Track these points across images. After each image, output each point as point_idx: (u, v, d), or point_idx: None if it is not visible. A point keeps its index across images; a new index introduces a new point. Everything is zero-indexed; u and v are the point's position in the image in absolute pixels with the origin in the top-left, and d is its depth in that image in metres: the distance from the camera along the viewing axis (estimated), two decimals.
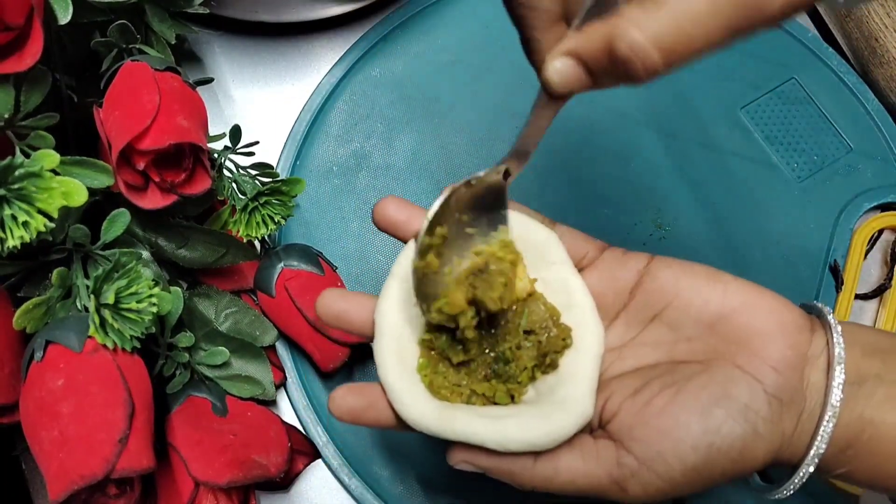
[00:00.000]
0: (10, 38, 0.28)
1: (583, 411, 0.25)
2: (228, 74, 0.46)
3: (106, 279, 0.30)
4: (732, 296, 0.26)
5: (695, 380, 0.25)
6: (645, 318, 0.27)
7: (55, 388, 0.29)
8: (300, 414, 0.39)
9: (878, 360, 0.25)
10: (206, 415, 0.34)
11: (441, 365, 0.27)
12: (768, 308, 0.26)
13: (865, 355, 0.25)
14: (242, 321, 0.37)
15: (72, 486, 0.27)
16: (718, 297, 0.26)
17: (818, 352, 0.26)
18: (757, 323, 0.26)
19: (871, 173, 0.44)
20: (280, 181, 0.35)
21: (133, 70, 0.32)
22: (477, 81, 0.45)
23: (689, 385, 0.25)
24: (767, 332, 0.25)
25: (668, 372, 0.26)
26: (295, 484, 0.39)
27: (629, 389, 0.26)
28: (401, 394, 0.26)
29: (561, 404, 0.26)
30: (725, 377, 0.25)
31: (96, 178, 0.31)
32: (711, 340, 0.26)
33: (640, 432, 0.25)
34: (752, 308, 0.26)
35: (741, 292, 0.26)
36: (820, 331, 0.26)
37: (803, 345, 0.25)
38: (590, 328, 0.27)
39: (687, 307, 0.26)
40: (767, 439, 0.24)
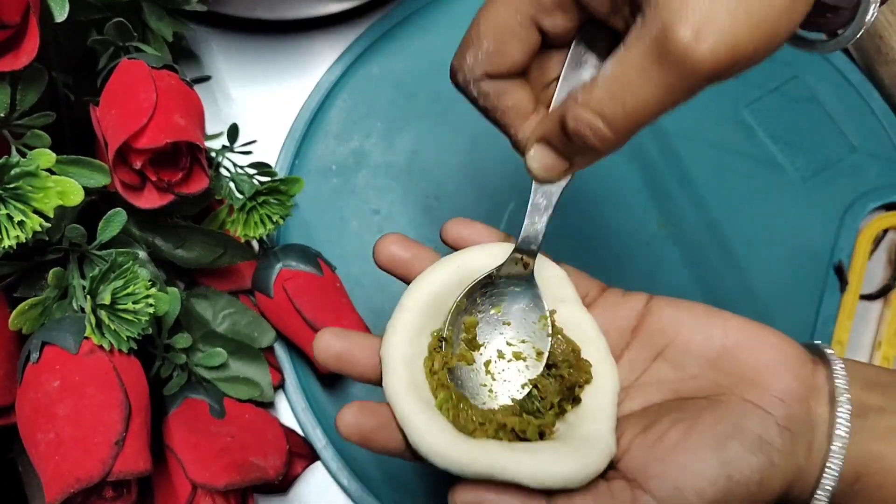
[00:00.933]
0: (6, 35, 0.27)
1: (608, 447, 0.25)
2: (226, 72, 0.46)
3: (102, 279, 0.30)
4: (733, 332, 0.27)
5: (706, 414, 0.25)
6: (648, 358, 0.28)
7: (51, 389, 0.29)
8: (299, 416, 0.39)
9: (879, 393, 0.25)
10: (204, 417, 0.34)
11: (463, 402, 0.26)
12: (769, 343, 0.26)
13: (866, 389, 0.25)
14: (240, 322, 0.37)
15: (68, 489, 0.27)
16: (719, 334, 0.27)
17: (821, 384, 0.26)
18: (760, 357, 0.26)
19: (875, 173, 0.43)
20: (278, 180, 0.35)
21: (130, 68, 0.32)
22: None
23: (702, 419, 0.25)
24: (771, 366, 0.26)
25: (677, 409, 0.26)
26: (293, 487, 0.39)
27: (639, 427, 0.26)
28: (423, 426, 0.24)
29: (585, 440, 0.25)
30: (736, 411, 0.25)
31: (92, 177, 0.31)
32: (716, 376, 0.26)
33: (655, 469, 0.25)
34: (753, 343, 0.26)
35: (741, 328, 0.27)
36: (821, 365, 0.26)
37: (807, 377, 0.26)
38: (605, 365, 0.27)
39: (688, 345, 0.27)
40: (783, 469, 0.24)
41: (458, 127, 0.44)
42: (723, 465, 0.24)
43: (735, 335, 0.26)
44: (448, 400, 0.26)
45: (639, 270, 0.42)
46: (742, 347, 0.26)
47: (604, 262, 0.42)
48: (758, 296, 0.41)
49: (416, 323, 0.26)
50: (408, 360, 0.25)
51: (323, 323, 0.36)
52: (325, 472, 0.39)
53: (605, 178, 0.43)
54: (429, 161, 0.44)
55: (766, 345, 0.26)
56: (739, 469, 0.24)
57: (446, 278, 0.27)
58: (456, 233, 0.29)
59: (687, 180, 0.44)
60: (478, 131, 0.44)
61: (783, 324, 0.41)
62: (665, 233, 0.43)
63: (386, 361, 0.25)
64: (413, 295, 0.27)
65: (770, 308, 0.41)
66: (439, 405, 0.25)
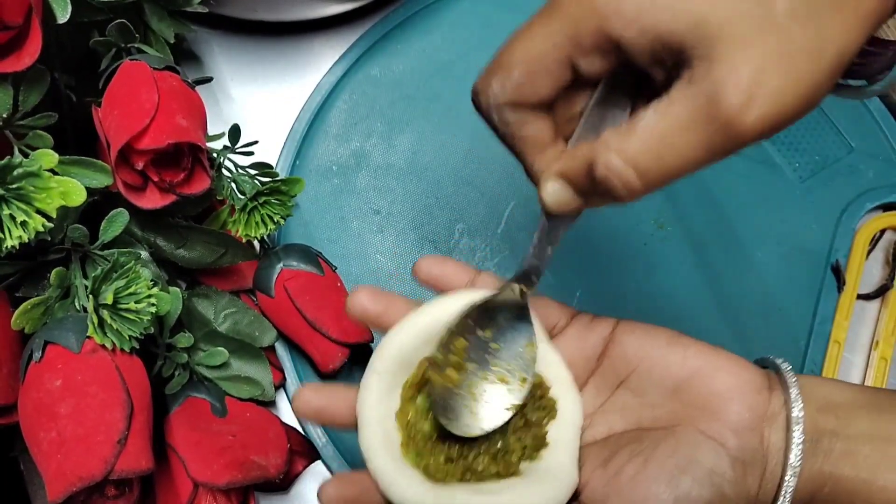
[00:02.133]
0: (9, 37, 0.28)
1: (570, 478, 0.26)
2: (227, 73, 0.46)
3: (104, 279, 0.30)
4: (692, 359, 0.27)
5: (661, 447, 0.25)
6: (612, 385, 0.28)
7: (53, 388, 0.29)
8: None
9: (833, 415, 0.25)
10: (205, 416, 0.34)
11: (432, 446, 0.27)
12: (725, 370, 0.26)
13: (821, 411, 0.26)
14: (241, 322, 0.37)
15: (70, 488, 0.27)
16: (678, 362, 0.27)
17: (777, 410, 0.26)
18: (715, 386, 0.26)
19: (873, 173, 0.43)
20: (279, 181, 0.35)
21: (132, 69, 0.32)
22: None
23: (657, 453, 0.25)
24: (725, 395, 0.26)
25: (636, 440, 0.26)
26: (294, 485, 0.39)
27: (599, 459, 0.26)
28: (393, 477, 0.26)
29: (549, 473, 0.26)
30: (690, 443, 0.25)
31: (95, 177, 0.31)
32: (674, 406, 0.26)
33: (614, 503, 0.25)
34: (710, 371, 0.26)
35: (700, 356, 0.27)
36: (777, 389, 0.26)
37: (761, 405, 0.26)
38: (570, 399, 0.27)
39: (650, 373, 0.27)
40: (734, 501, 0.25)
41: (458, 127, 0.44)
42: (676, 501, 0.24)
43: (692, 364, 0.26)
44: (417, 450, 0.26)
45: (636, 270, 0.42)
46: (698, 376, 0.26)
47: (602, 262, 0.42)
48: (755, 295, 0.41)
49: (387, 381, 0.27)
50: (381, 417, 0.26)
51: (323, 322, 0.36)
52: (325, 471, 0.39)
53: None
54: (429, 161, 0.44)
55: (721, 372, 0.26)
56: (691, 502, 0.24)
57: (414, 334, 0.27)
58: (426, 271, 0.29)
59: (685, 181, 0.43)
60: (477, 132, 0.44)
61: (781, 323, 0.41)
62: (663, 233, 0.43)
63: (360, 419, 0.26)
64: (382, 355, 0.27)
65: (768, 308, 0.41)
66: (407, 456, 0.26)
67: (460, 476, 0.26)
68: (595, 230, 0.43)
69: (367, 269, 0.42)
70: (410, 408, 0.27)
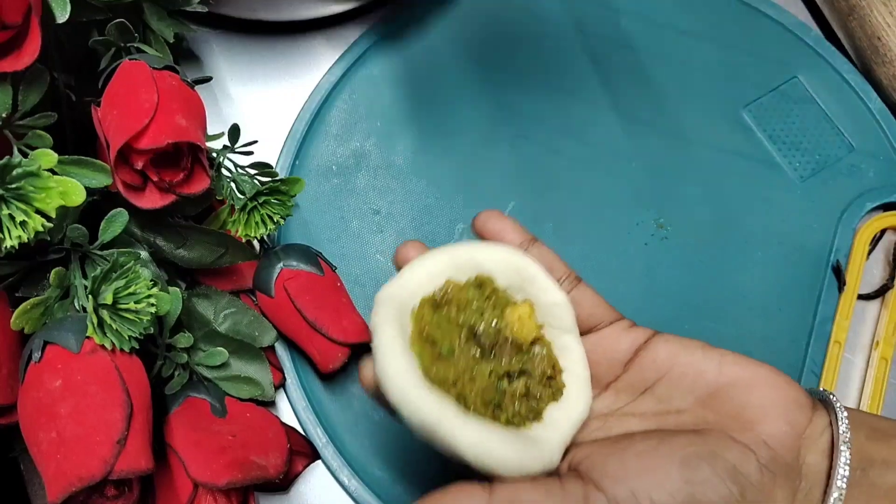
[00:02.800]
0: (8, 36, 0.28)
1: (550, 457, 0.25)
2: (227, 73, 0.46)
3: (104, 279, 0.30)
4: (728, 368, 0.25)
5: (681, 436, 0.24)
6: (636, 391, 0.27)
7: (53, 388, 0.29)
8: (299, 415, 0.39)
9: (885, 444, 0.24)
10: (205, 416, 0.34)
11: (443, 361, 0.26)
12: (766, 382, 0.25)
13: (870, 439, 0.24)
14: (241, 322, 0.37)
15: (70, 488, 0.27)
16: (713, 369, 0.25)
17: (818, 432, 0.24)
18: (752, 397, 0.25)
19: (873, 173, 0.43)
20: (279, 181, 0.35)
21: (131, 69, 0.32)
22: (477, 80, 0.45)
23: (675, 438, 0.24)
24: (763, 406, 0.24)
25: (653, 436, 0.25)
26: (294, 485, 0.39)
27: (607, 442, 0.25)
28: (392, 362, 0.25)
29: (534, 441, 0.25)
30: (715, 440, 0.24)
31: (94, 177, 0.31)
32: (703, 413, 0.25)
33: (614, 468, 0.23)
34: (748, 381, 0.25)
35: (737, 365, 0.25)
36: (821, 411, 0.25)
37: (801, 423, 0.24)
38: (581, 394, 0.27)
39: (680, 380, 0.26)
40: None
41: (458, 127, 0.44)
42: (687, 483, 0.23)
43: (729, 372, 0.25)
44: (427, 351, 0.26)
45: (637, 270, 0.42)
46: (735, 386, 0.25)
47: (603, 261, 0.42)
48: (756, 295, 0.41)
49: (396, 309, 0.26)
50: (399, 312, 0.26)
51: (323, 322, 0.36)
52: (325, 471, 0.39)
53: (604, 177, 0.44)
54: (429, 161, 0.44)
55: (761, 384, 0.25)
56: (704, 492, 0.23)
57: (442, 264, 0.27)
58: (482, 224, 0.29)
59: (686, 180, 0.44)
60: (477, 131, 0.44)
61: (781, 323, 0.41)
62: (664, 233, 0.43)
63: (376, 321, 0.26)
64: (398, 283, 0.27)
65: (768, 308, 0.41)
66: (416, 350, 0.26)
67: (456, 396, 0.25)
68: (595, 230, 0.43)
69: (366, 269, 0.42)
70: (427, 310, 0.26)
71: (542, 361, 0.27)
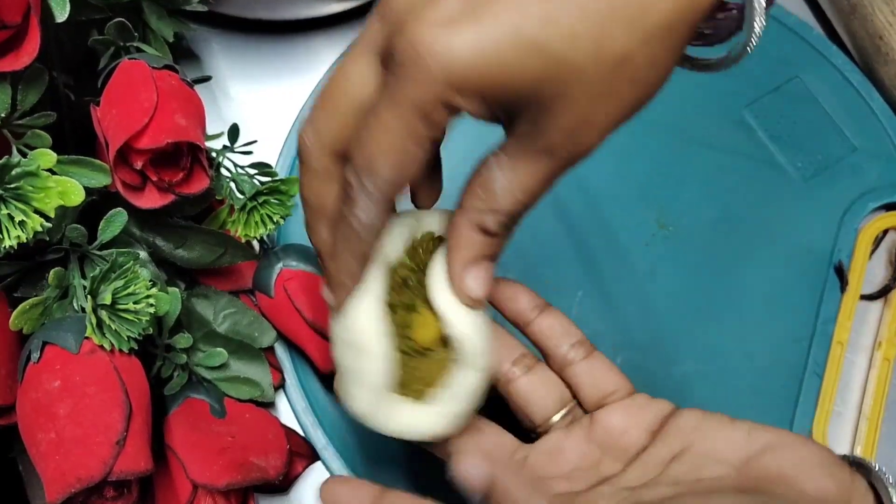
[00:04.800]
0: (7, 36, 0.27)
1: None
2: (227, 72, 0.46)
3: (103, 279, 0.30)
4: (758, 434, 0.25)
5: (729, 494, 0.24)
6: (665, 459, 0.26)
7: (52, 389, 0.29)
8: (299, 416, 0.39)
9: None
10: (205, 417, 0.34)
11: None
12: (800, 444, 0.24)
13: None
14: (241, 322, 0.37)
15: (69, 489, 0.27)
16: (743, 437, 0.25)
17: (863, 489, 0.24)
18: (791, 457, 0.24)
19: (876, 173, 0.43)
20: (279, 180, 0.35)
21: (131, 68, 0.32)
22: None
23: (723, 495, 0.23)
24: (804, 466, 0.24)
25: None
26: (294, 486, 0.39)
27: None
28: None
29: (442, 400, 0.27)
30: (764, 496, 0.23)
31: (93, 177, 0.31)
32: (741, 479, 0.24)
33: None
34: (782, 444, 0.24)
35: (768, 432, 0.25)
36: (858, 473, 0.24)
37: (845, 479, 0.24)
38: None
39: (711, 448, 0.25)
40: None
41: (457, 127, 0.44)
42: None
43: (762, 438, 0.25)
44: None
45: (638, 270, 0.42)
46: (770, 450, 0.24)
47: (603, 261, 0.42)
48: (757, 296, 0.41)
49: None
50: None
51: (323, 323, 0.36)
52: (325, 472, 0.39)
53: (604, 177, 0.43)
54: None
55: (798, 446, 0.24)
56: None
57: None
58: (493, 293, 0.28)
59: (687, 180, 0.44)
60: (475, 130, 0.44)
61: (783, 324, 0.41)
62: (665, 233, 0.43)
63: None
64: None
65: (770, 308, 0.41)
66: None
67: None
68: (596, 230, 0.43)
69: None
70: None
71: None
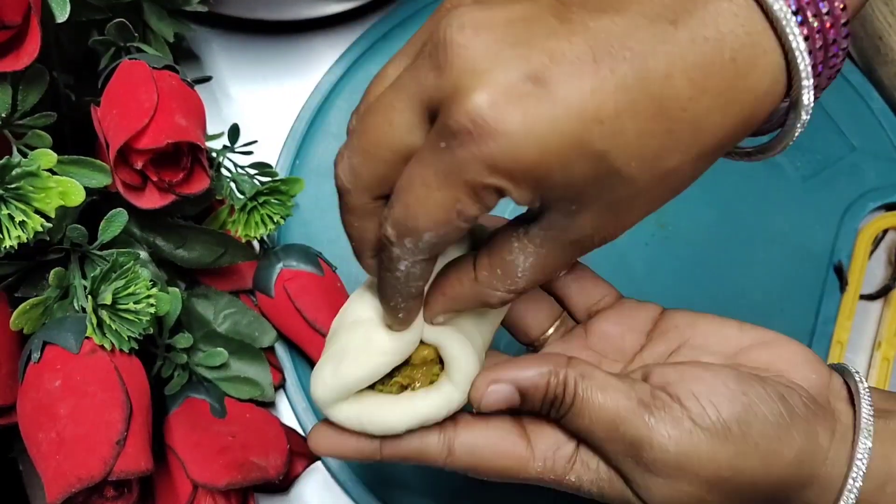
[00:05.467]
0: (8, 36, 0.27)
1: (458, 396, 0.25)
2: (227, 73, 0.46)
3: (103, 279, 0.30)
4: (748, 331, 0.27)
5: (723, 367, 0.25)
6: (663, 356, 0.27)
7: (52, 389, 0.29)
8: (299, 416, 0.39)
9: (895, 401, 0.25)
10: (205, 416, 0.34)
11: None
12: (787, 342, 0.26)
13: (882, 399, 0.25)
14: (241, 322, 0.37)
15: (69, 489, 0.27)
16: (735, 333, 0.27)
17: (838, 386, 0.26)
18: (779, 352, 0.26)
19: (875, 173, 0.43)
20: (279, 180, 0.35)
21: (131, 68, 0.32)
22: None
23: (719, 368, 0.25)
24: (790, 359, 0.26)
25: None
26: (294, 486, 0.39)
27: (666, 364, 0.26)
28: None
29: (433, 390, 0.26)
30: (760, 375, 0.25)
31: (94, 177, 0.31)
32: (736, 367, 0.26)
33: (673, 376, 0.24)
34: (771, 341, 0.26)
35: (756, 331, 0.27)
36: (835, 372, 0.26)
37: (825, 374, 0.26)
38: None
39: (705, 342, 0.27)
40: (801, 438, 0.24)
41: None
42: (744, 393, 0.23)
43: (751, 336, 0.27)
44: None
45: (638, 270, 0.42)
46: (760, 345, 0.26)
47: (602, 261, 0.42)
48: (757, 296, 0.41)
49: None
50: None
51: (323, 323, 0.36)
52: (325, 472, 0.39)
53: None
54: None
55: (784, 344, 0.26)
56: (759, 405, 0.23)
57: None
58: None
59: None
60: None
61: (783, 324, 0.41)
62: (664, 232, 0.43)
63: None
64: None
65: (770, 308, 0.41)
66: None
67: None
68: None
69: None
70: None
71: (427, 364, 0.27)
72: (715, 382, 0.24)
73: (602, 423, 0.24)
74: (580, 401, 0.24)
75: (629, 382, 0.25)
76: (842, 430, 0.25)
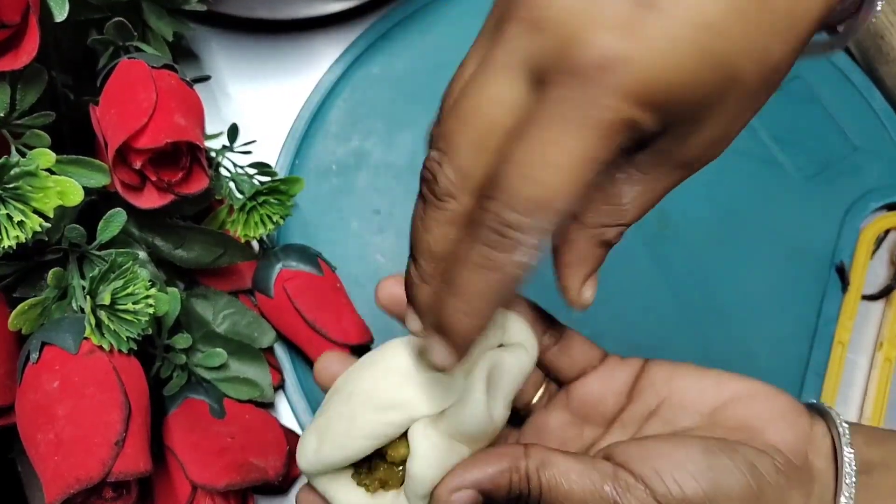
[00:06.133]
0: (6, 35, 0.27)
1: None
2: (226, 72, 0.46)
3: (102, 280, 0.30)
4: (726, 384, 0.26)
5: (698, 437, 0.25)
6: (642, 417, 0.27)
7: (51, 389, 0.29)
8: (299, 416, 0.39)
9: (881, 447, 0.25)
10: (204, 417, 0.34)
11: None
12: (763, 395, 0.26)
13: (867, 444, 0.25)
14: (240, 322, 0.37)
15: (68, 490, 0.27)
16: (712, 387, 0.26)
17: (819, 438, 0.25)
18: (756, 408, 0.25)
19: (877, 172, 0.43)
20: (278, 180, 0.35)
21: (130, 68, 0.32)
22: None
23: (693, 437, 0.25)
24: (767, 416, 0.25)
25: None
26: (293, 487, 0.39)
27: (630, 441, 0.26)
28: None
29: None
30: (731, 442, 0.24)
31: (92, 177, 0.31)
32: (711, 428, 0.26)
33: (637, 452, 0.24)
34: (747, 395, 0.26)
35: (733, 382, 0.26)
36: (819, 419, 0.26)
37: (803, 428, 0.25)
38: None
39: (682, 401, 0.26)
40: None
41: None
42: (710, 469, 0.23)
43: (727, 388, 0.26)
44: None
45: (637, 271, 0.42)
46: (737, 400, 0.26)
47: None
48: (758, 296, 0.41)
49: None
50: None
51: (323, 323, 0.36)
52: None
53: None
54: None
55: (760, 397, 0.26)
56: (726, 479, 0.23)
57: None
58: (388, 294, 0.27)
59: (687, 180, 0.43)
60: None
61: (784, 324, 0.41)
62: (665, 233, 0.42)
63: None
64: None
65: (771, 308, 0.41)
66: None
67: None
68: None
69: (367, 269, 0.42)
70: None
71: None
72: (679, 458, 0.23)
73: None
74: (547, 491, 0.24)
75: (590, 463, 0.24)
76: (819, 490, 0.24)
